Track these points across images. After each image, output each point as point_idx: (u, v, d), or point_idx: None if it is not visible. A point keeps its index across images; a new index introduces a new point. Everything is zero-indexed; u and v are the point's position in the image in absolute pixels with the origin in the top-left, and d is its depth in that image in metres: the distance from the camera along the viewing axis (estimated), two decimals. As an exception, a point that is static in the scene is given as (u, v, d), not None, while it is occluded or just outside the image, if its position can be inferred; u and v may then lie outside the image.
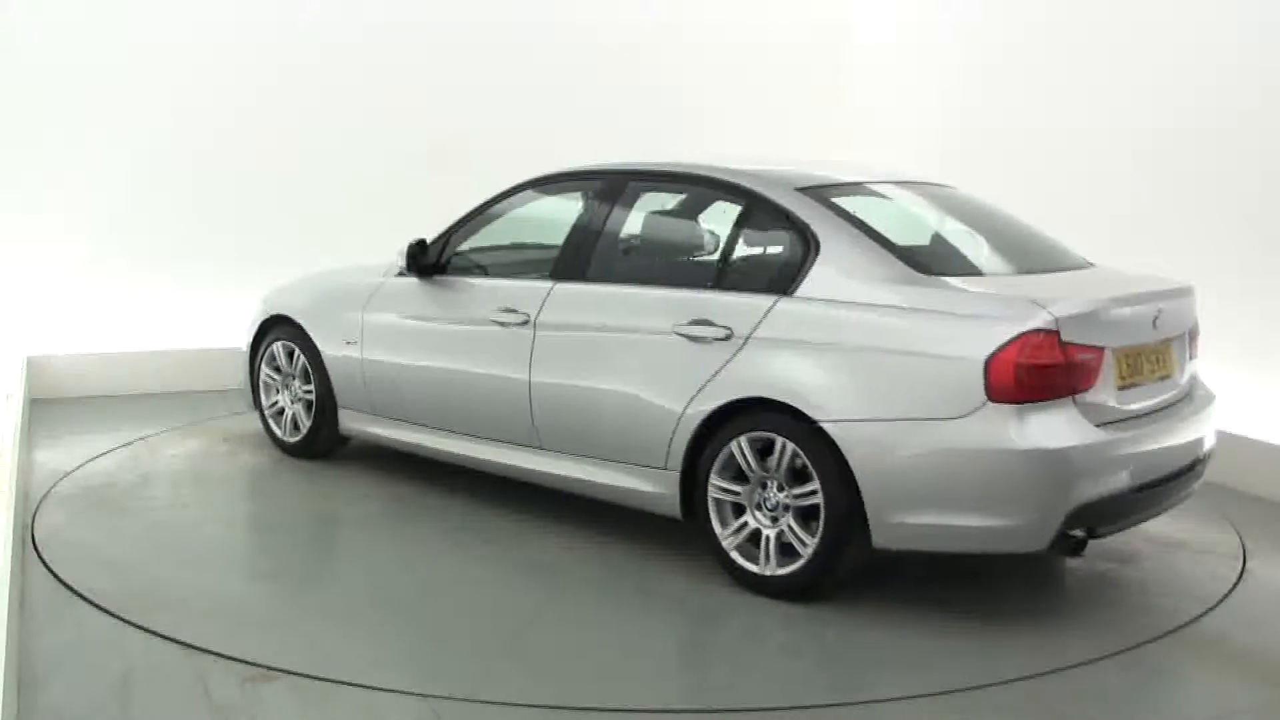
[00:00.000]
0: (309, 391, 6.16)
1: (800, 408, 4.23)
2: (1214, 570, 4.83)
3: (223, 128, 8.09)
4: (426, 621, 4.19)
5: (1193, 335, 4.80)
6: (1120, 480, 4.12)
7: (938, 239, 4.98)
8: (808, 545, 4.24)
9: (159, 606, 4.17)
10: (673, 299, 4.74)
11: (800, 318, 4.36)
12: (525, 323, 5.11)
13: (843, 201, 4.71)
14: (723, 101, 9.20)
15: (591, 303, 4.98)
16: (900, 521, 4.09)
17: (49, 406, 7.24)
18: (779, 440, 4.29)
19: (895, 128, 9.07)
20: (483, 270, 5.68)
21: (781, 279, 4.49)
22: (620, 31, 8.98)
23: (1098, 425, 4.09)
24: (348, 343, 5.93)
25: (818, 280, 4.40)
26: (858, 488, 4.12)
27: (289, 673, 3.66)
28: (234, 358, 8.29)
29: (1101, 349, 4.13)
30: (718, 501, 4.49)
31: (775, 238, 4.73)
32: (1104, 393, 4.16)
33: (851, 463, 4.12)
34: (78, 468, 5.97)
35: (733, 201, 4.87)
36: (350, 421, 6.04)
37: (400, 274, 5.78)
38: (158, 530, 5.08)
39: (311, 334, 6.11)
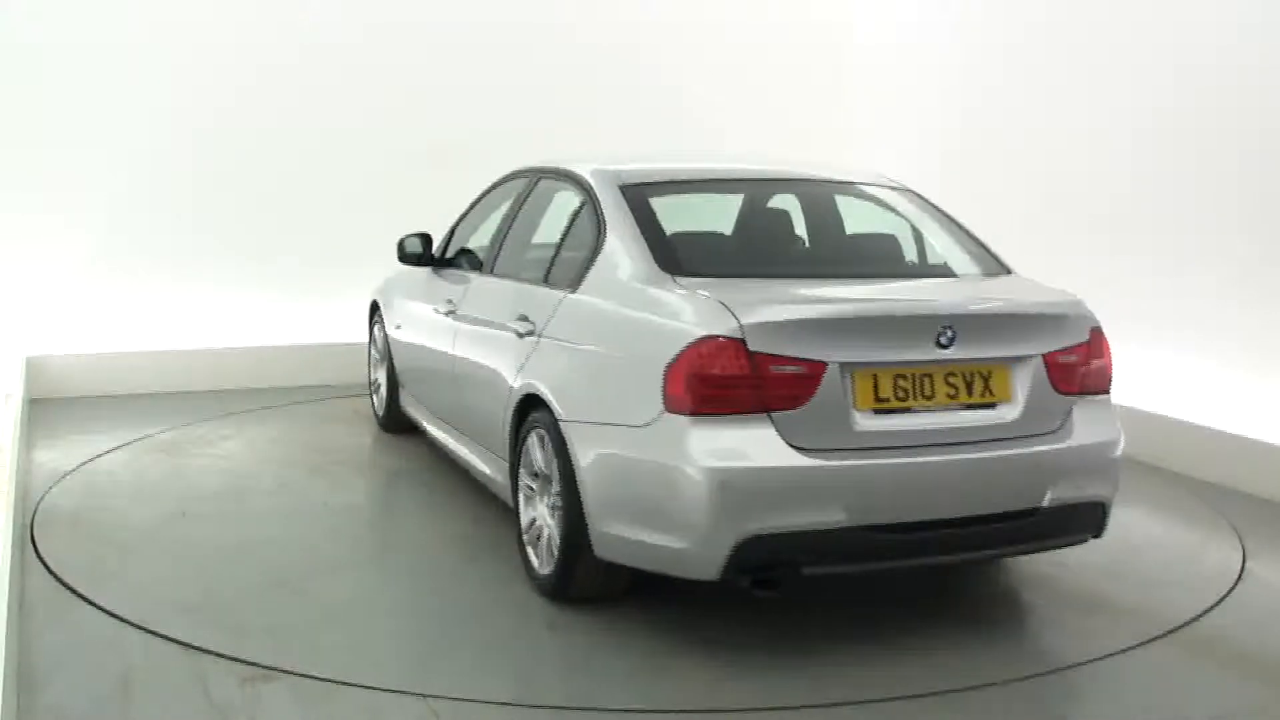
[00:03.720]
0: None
1: (551, 405, 4.18)
2: (1214, 570, 4.83)
3: (222, 128, 8.09)
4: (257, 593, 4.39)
5: (1072, 361, 4.07)
6: (831, 515, 3.63)
7: (761, 240, 4.86)
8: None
9: (159, 606, 4.17)
10: (515, 293, 4.90)
11: (572, 315, 4.34)
12: (452, 313, 5.42)
13: (665, 200, 4.61)
14: (723, 101, 9.20)
15: (483, 295, 5.26)
16: (608, 532, 3.89)
17: (49, 406, 7.24)
18: (546, 437, 4.23)
19: (895, 128, 9.08)
20: (469, 264, 5.78)
21: (576, 275, 4.44)
22: (620, 31, 8.98)
23: (814, 450, 3.65)
24: (396, 326, 6.38)
25: (593, 278, 4.33)
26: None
27: (289, 673, 3.66)
28: (233, 357, 8.30)
29: (821, 363, 3.67)
30: (526, 496, 4.46)
31: (589, 233, 4.59)
32: (834, 413, 3.69)
33: (573, 464, 4.00)
34: (77, 467, 5.97)
35: (579, 197, 4.79)
36: (404, 400, 6.47)
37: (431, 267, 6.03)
38: (157, 529, 5.08)
39: (384, 318, 6.62)
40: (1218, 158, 6.45)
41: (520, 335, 4.58)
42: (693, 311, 3.77)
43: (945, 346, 3.81)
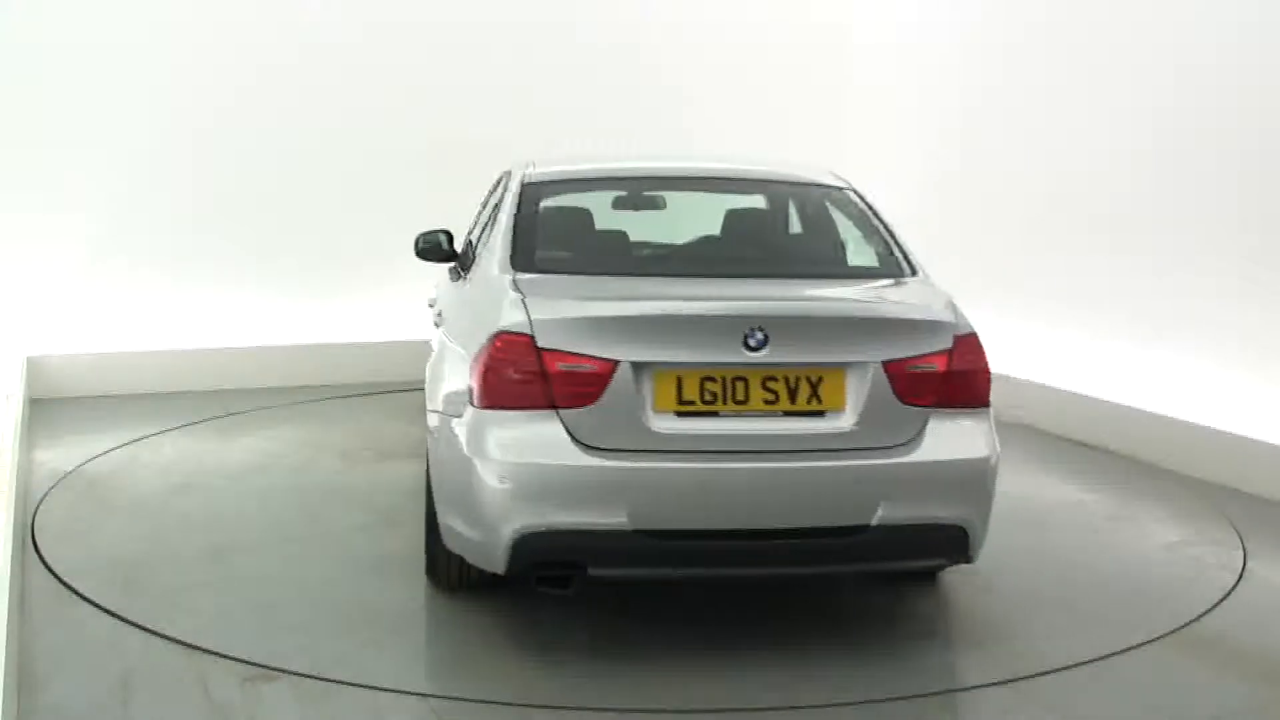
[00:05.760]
0: None
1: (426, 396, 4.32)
2: (1214, 570, 4.82)
3: (222, 128, 8.09)
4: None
5: (925, 370, 3.76)
6: (612, 516, 3.55)
7: (635, 238, 4.87)
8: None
9: (160, 605, 4.18)
10: (446, 289, 5.04)
11: (455, 310, 4.48)
12: (432, 306, 5.52)
13: (561, 199, 4.69)
14: (723, 101, 9.20)
15: (443, 291, 5.31)
16: (444, 521, 3.95)
17: (49, 406, 7.24)
18: None
19: (895, 128, 9.08)
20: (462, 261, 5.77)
21: (470, 272, 4.61)
22: (620, 31, 8.98)
23: (605, 450, 3.59)
24: (435, 325, 6.30)
25: (472, 274, 4.50)
26: None
27: (289, 673, 3.66)
28: (233, 357, 8.27)
29: (610, 362, 3.60)
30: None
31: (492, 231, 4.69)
32: (627, 413, 3.59)
33: (428, 453, 4.13)
34: (77, 468, 5.97)
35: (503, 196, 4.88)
36: None
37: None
38: (156, 529, 5.08)
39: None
40: (1217, 158, 6.45)
41: (436, 327, 4.74)
42: (500, 308, 3.83)
43: (755, 349, 3.63)
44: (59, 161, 7.72)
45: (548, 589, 3.78)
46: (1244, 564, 4.90)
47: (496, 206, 4.77)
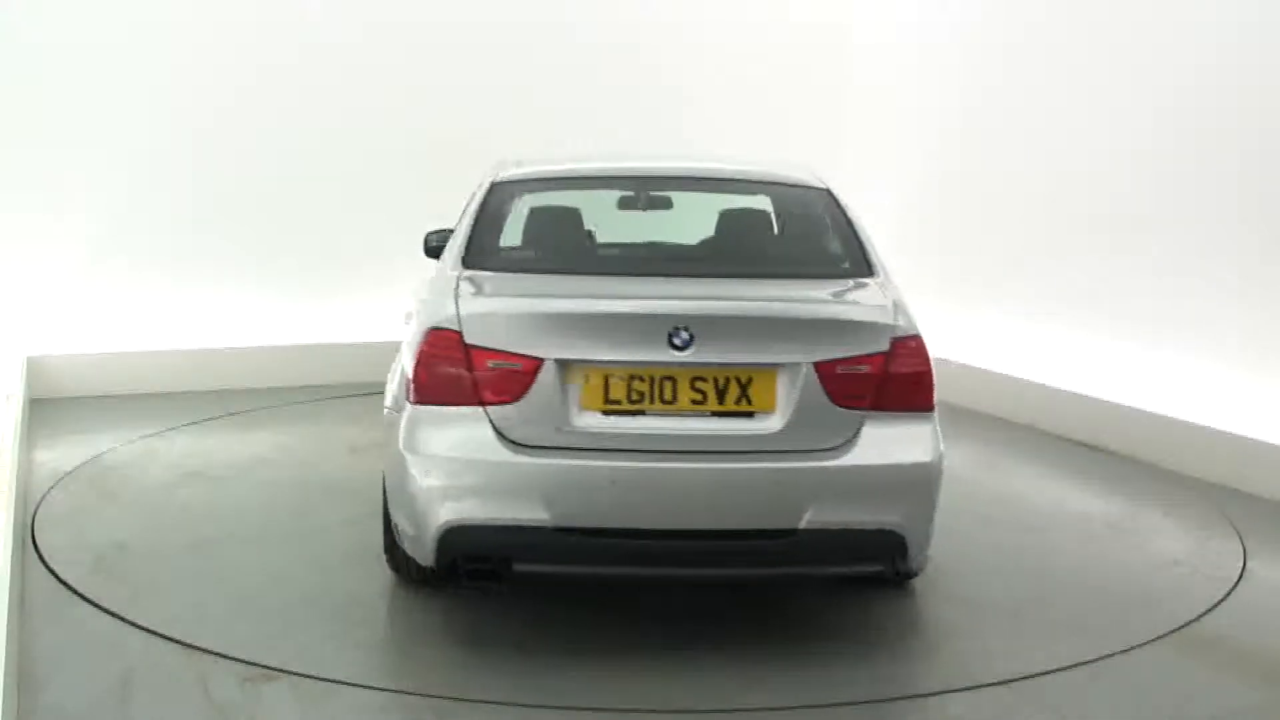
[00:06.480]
0: None
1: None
2: (1214, 570, 4.83)
3: (222, 128, 8.08)
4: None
5: (858, 372, 3.70)
6: (533, 513, 3.58)
7: (592, 237, 4.90)
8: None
9: (160, 605, 4.18)
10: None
11: (415, 307, 4.43)
12: None
13: (533, 198, 4.71)
14: (723, 101, 9.20)
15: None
16: (393, 515, 3.99)
17: (49, 406, 7.24)
18: None
19: (895, 128, 9.08)
20: None
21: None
22: (620, 31, 8.98)
23: (530, 446, 3.62)
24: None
25: (436, 271, 4.46)
26: None
27: (289, 673, 3.66)
28: (233, 357, 8.25)
29: (535, 360, 3.62)
30: None
31: None
32: (552, 411, 3.62)
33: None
34: (77, 467, 5.97)
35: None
36: None
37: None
38: (158, 527, 5.08)
39: None
40: (1218, 157, 6.45)
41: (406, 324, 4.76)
42: (437, 304, 3.87)
43: (680, 348, 3.62)
44: (59, 161, 7.71)
45: (480, 583, 3.79)
46: (1244, 564, 4.90)
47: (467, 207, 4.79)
